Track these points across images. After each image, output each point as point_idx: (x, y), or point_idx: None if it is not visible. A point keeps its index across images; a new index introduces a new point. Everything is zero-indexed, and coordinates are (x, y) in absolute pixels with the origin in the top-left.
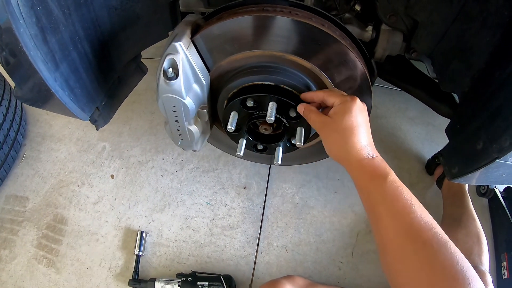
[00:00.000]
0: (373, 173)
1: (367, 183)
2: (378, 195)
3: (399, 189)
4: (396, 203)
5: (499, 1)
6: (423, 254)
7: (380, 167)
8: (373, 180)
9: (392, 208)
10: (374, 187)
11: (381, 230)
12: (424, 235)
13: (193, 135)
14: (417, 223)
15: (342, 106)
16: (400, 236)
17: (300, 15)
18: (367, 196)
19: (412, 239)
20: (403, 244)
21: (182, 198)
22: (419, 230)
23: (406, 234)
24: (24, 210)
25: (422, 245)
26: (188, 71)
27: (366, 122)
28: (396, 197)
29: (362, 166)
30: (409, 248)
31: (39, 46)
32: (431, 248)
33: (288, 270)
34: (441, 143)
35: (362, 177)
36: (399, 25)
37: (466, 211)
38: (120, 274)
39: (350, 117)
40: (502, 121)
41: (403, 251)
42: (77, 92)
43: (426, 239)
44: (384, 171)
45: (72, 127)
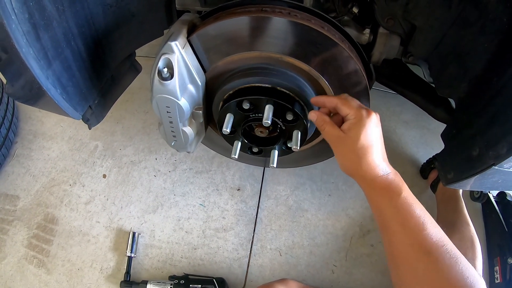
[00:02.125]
0: (387, 190)
1: (381, 200)
2: (391, 212)
3: (413, 206)
4: (410, 220)
5: (498, 7)
6: (435, 269)
7: (394, 183)
8: (386, 197)
9: (406, 225)
10: (387, 204)
11: (394, 244)
12: (436, 251)
13: (187, 136)
14: (429, 239)
15: (358, 122)
16: (413, 252)
17: (299, 17)
18: (380, 212)
19: (425, 255)
20: (416, 260)
21: (175, 199)
22: (431, 246)
23: (418, 251)
24: (15, 209)
25: (434, 261)
26: (183, 71)
27: (380, 137)
28: (410, 214)
29: (375, 184)
30: (421, 264)
31: (31, 43)
32: (442, 264)
33: (281, 273)
34: (436, 147)
35: (376, 195)
36: (396, 29)
37: (460, 216)
38: (111, 276)
39: (365, 135)
40: (499, 127)
41: (415, 267)
42: (70, 90)
43: (438, 256)
44: (397, 187)
45: (64, 125)
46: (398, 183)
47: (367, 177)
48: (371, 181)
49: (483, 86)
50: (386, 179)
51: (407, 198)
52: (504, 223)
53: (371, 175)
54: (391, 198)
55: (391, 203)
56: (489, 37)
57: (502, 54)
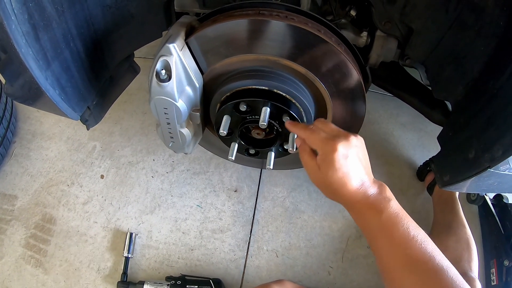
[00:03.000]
0: (369, 211)
1: (364, 221)
2: (375, 230)
3: (396, 224)
4: (394, 237)
5: (495, 11)
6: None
7: (376, 203)
8: (368, 216)
9: (390, 241)
10: (371, 223)
11: (382, 260)
12: (422, 266)
13: (184, 138)
14: (415, 256)
15: (323, 158)
16: (400, 268)
17: (296, 20)
18: (366, 232)
19: (411, 270)
20: (403, 276)
21: (172, 200)
22: (417, 262)
23: (405, 266)
24: (13, 208)
25: (420, 276)
26: (181, 73)
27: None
28: (393, 231)
29: (357, 208)
30: (407, 280)
31: (30, 44)
32: (428, 279)
33: (278, 275)
34: (432, 149)
35: (359, 217)
36: (393, 32)
37: (457, 218)
38: (108, 276)
39: (334, 171)
40: (495, 130)
41: (402, 282)
42: (68, 91)
43: (424, 270)
44: (379, 206)
45: (62, 126)
46: (380, 203)
47: (348, 203)
48: (351, 206)
49: (480, 89)
50: (367, 201)
51: (390, 217)
52: (500, 226)
53: (351, 201)
54: (375, 217)
55: (375, 221)
56: (486, 40)
57: (498, 57)
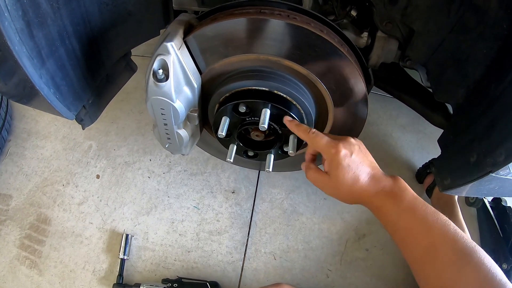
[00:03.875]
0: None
1: (383, 214)
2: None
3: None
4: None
5: (498, 13)
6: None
7: (391, 193)
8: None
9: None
10: (390, 215)
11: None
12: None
13: (182, 139)
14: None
15: (330, 162)
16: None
17: (298, 20)
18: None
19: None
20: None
21: (169, 201)
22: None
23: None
24: (7, 208)
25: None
26: (179, 73)
27: (362, 159)
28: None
29: (373, 202)
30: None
31: (24, 41)
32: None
33: (275, 277)
34: (432, 151)
35: (378, 212)
36: (394, 33)
37: (456, 221)
38: (104, 278)
39: (343, 172)
40: (497, 134)
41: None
42: (64, 90)
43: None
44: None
45: (58, 124)
46: (396, 191)
47: (365, 200)
48: (370, 203)
49: (482, 92)
50: (382, 193)
51: (409, 204)
52: (499, 229)
53: (367, 197)
54: (391, 211)
55: (392, 214)
56: (488, 43)
57: (501, 60)
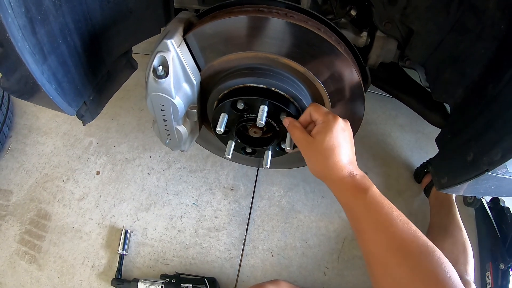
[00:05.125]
0: (354, 189)
1: (349, 199)
2: (360, 210)
3: (380, 203)
4: (378, 217)
5: (496, 14)
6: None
7: (361, 182)
8: (354, 195)
9: (374, 221)
10: (356, 202)
11: (365, 243)
12: (407, 246)
13: (181, 135)
14: (399, 235)
15: (324, 126)
16: (383, 248)
17: (296, 18)
18: (350, 212)
19: (395, 251)
20: (386, 257)
21: (168, 198)
22: (402, 241)
23: (388, 247)
24: (8, 204)
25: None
26: (178, 70)
27: (348, 140)
28: (378, 210)
29: (343, 184)
30: (392, 260)
31: (27, 37)
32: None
33: (273, 274)
34: (430, 151)
35: (344, 194)
36: (394, 33)
37: (453, 221)
38: (103, 273)
39: (331, 137)
40: (494, 134)
41: (387, 264)
42: (65, 86)
43: (409, 250)
44: (364, 186)
45: (59, 121)
46: (365, 183)
47: (334, 177)
48: (338, 181)
49: (479, 92)
50: (353, 179)
51: (375, 196)
52: (496, 229)
53: (337, 175)
54: (359, 197)
55: (358, 201)
56: (486, 43)
57: (498, 60)
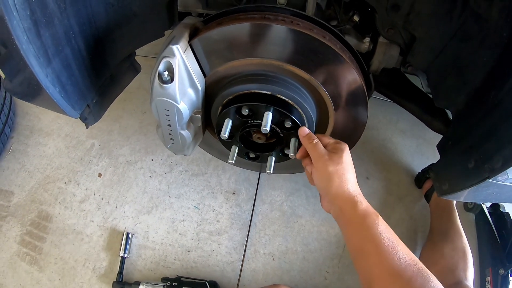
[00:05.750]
0: (366, 211)
1: (361, 219)
2: (370, 232)
3: (388, 228)
4: (386, 240)
5: (499, 22)
6: None
7: (368, 207)
8: (366, 217)
9: (382, 245)
10: (367, 224)
11: (368, 265)
12: (409, 271)
13: (185, 139)
14: (403, 259)
15: (339, 145)
16: (387, 272)
17: (301, 26)
18: (358, 232)
19: (398, 276)
20: (390, 281)
21: (170, 201)
22: (405, 267)
23: (392, 271)
24: (9, 204)
25: (407, 281)
26: (183, 75)
27: (352, 164)
28: (386, 234)
29: (356, 203)
30: (394, 284)
31: (31, 40)
32: (415, 284)
33: (274, 278)
34: (431, 157)
35: (356, 214)
36: (396, 39)
37: (453, 226)
38: (104, 276)
39: (347, 154)
40: (495, 141)
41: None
42: (69, 89)
43: (410, 276)
44: (371, 211)
45: (61, 122)
46: (371, 207)
47: (349, 196)
48: (351, 200)
49: (481, 99)
50: (364, 201)
51: (383, 220)
52: (496, 235)
53: (348, 193)
54: (371, 219)
55: (370, 223)
56: (488, 50)
57: (501, 68)
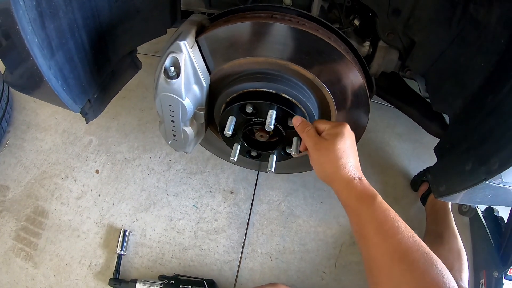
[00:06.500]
0: (362, 194)
1: (356, 203)
2: (366, 215)
3: (387, 210)
4: (385, 224)
5: (497, 28)
6: (410, 274)
7: (369, 189)
8: (361, 200)
9: (381, 228)
10: (363, 208)
11: (369, 249)
12: (411, 255)
13: (187, 136)
14: (404, 243)
15: (335, 129)
16: (387, 256)
17: (307, 26)
18: (354, 216)
19: (399, 259)
20: (390, 264)
21: (167, 199)
22: (406, 250)
23: (393, 254)
24: (4, 199)
25: (409, 265)
26: (189, 71)
27: (354, 146)
28: (385, 217)
29: (351, 187)
30: (396, 268)
31: (36, 31)
32: (417, 268)
33: (271, 278)
34: (427, 160)
35: (351, 198)
36: (396, 43)
37: (449, 228)
38: (100, 273)
39: (341, 139)
40: (492, 144)
41: (390, 271)
42: (71, 82)
43: (413, 259)
44: (372, 192)
45: (59, 118)
46: (372, 189)
47: (342, 180)
48: (345, 184)
49: (478, 104)
50: (361, 184)
51: (382, 203)
52: (491, 238)
53: (345, 178)
54: (367, 202)
55: (366, 207)
56: (486, 57)
57: (498, 73)
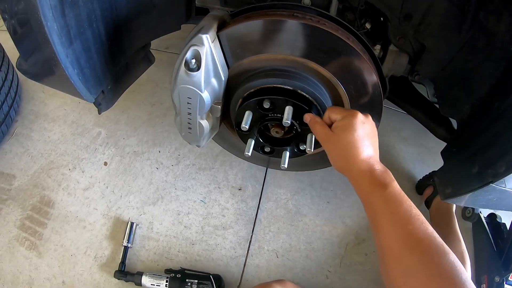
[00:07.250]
0: (373, 183)
1: (368, 193)
2: (378, 204)
3: (400, 199)
4: (396, 213)
5: (506, 36)
6: (422, 264)
7: (381, 177)
8: (373, 190)
9: (392, 217)
10: (374, 197)
11: (382, 238)
12: (424, 245)
13: (203, 129)
14: (416, 233)
15: (344, 121)
16: (400, 245)
17: (327, 26)
18: (368, 206)
19: (412, 248)
20: (403, 254)
21: (176, 193)
22: (419, 240)
23: (405, 244)
24: (10, 188)
25: (422, 254)
26: (210, 64)
27: (369, 134)
28: (396, 206)
29: (363, 178)
30: (408, 258)
31: (56, 18)
32: (430, 258)
33: (277, 275)
34: (432, 164)
35: (363, 188)
36: (406, 48)
37: (452, 232)
38: (105, 265)
39: (351, 131)
40: (499, 148)
41: (402, 261)
42: (86, 72)
43: (426, 249)
44: (384, 181)
45: (68, 109)
46: (385, 177)
47: (354, 171)
48: (357, 175)
49: (485, 109)
50: (373, 173)
51: (394, 192)
52: (493, 243)
53: (357, 169)
54: (378, 191)
55: (377, 196)
56: (495, 63)
57: (506, 80)
